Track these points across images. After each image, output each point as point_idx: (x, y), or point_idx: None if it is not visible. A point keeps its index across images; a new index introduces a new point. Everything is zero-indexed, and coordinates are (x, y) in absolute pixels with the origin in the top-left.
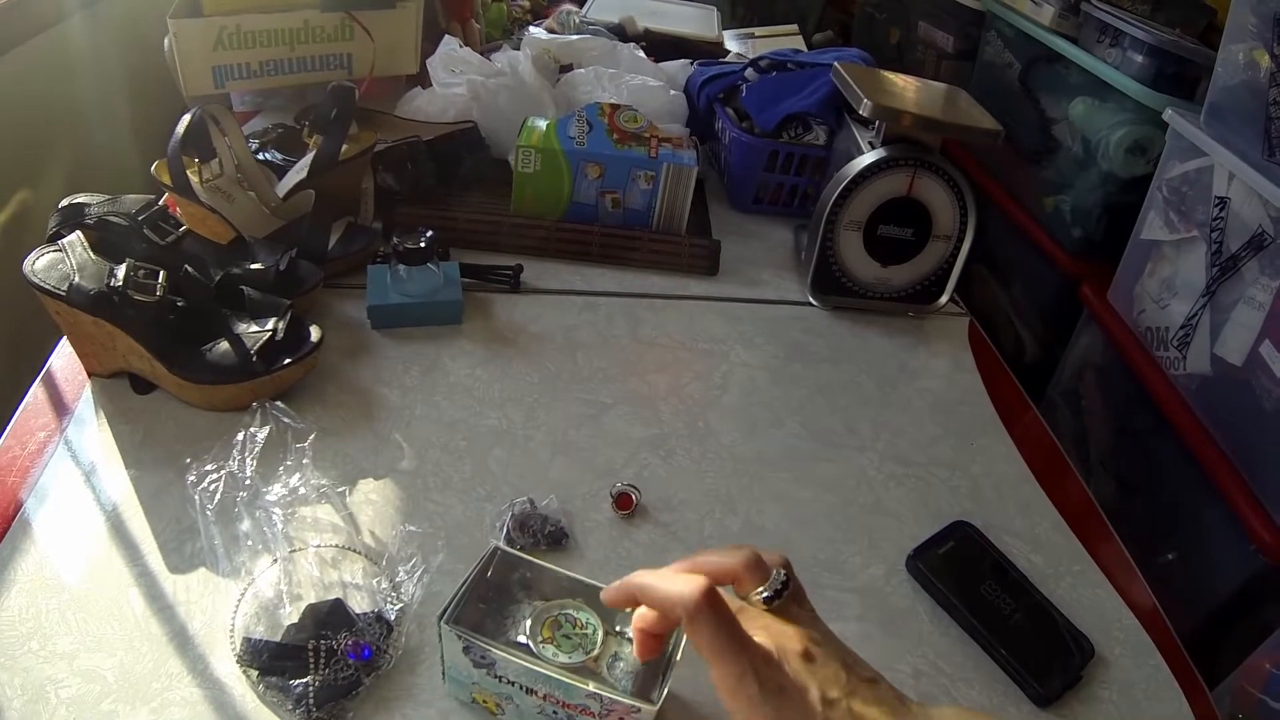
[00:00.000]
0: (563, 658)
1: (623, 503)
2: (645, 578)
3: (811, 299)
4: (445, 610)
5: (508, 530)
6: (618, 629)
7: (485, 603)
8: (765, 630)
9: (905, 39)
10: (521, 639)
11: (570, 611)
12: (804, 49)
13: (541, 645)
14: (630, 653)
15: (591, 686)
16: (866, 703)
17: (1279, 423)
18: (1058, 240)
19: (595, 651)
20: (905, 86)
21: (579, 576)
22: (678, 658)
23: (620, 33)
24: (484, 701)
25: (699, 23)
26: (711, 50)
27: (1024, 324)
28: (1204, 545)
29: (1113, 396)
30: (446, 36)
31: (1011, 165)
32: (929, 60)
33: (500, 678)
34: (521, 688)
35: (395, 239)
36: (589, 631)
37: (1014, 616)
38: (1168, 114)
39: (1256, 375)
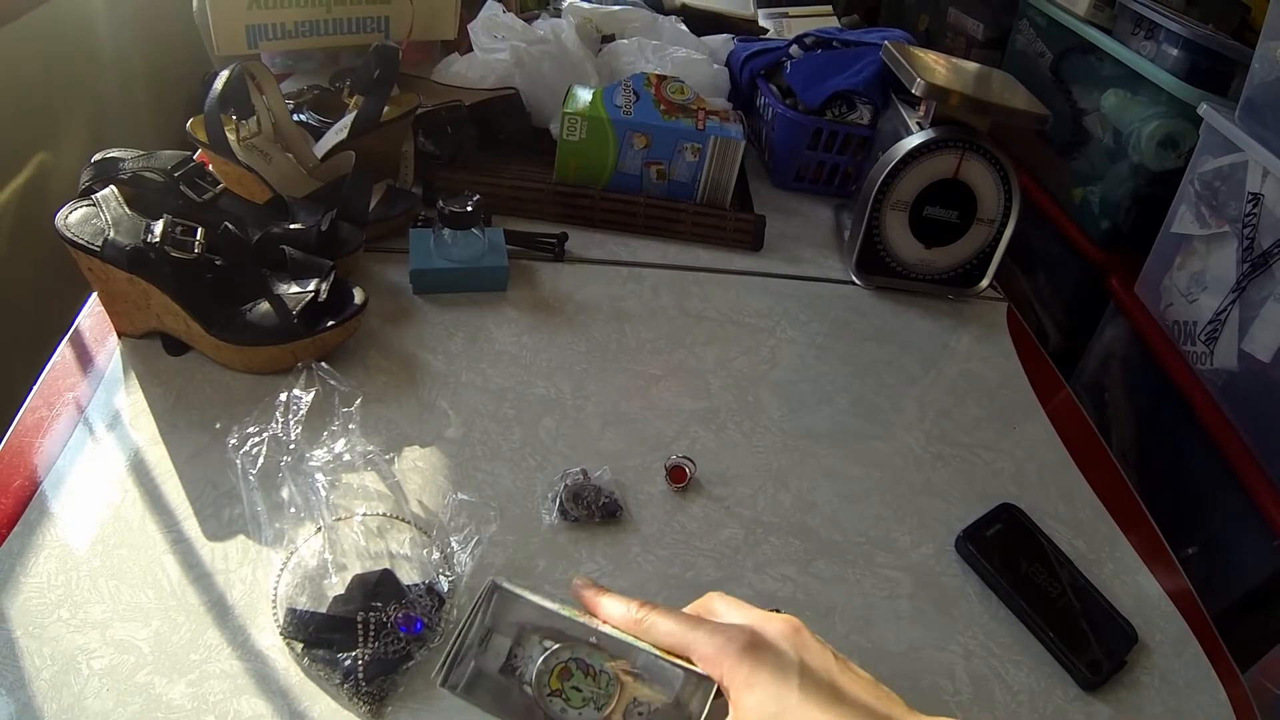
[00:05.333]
0: (572, 714)
1: (677, 475)
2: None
3: (855, 278)
4: (439, 671)
5: (561, 501)
6: (637, 669)
7: (491, 633)
8: None
9: (934, 25)
10: (527, 690)
11: (583, 657)
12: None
13: (549, 700)
14: (652, 699)
15: None
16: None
17: None
18: (1085, 231)
19: (611, 706)
20: (954, 68)
21: (593, 625)
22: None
23: (657, 6)
24: None
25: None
26: (748, 27)
27: (1048, 313)
28: (1226, 540)
29: (1137, 389)
30: (490, 1)
31: (1040, 155)
32: (958, 47)
33: None
34: None
35: (441, 202)
36: (603, 683)
37: (1061, 600)
38: (1203, 109)
39: None
